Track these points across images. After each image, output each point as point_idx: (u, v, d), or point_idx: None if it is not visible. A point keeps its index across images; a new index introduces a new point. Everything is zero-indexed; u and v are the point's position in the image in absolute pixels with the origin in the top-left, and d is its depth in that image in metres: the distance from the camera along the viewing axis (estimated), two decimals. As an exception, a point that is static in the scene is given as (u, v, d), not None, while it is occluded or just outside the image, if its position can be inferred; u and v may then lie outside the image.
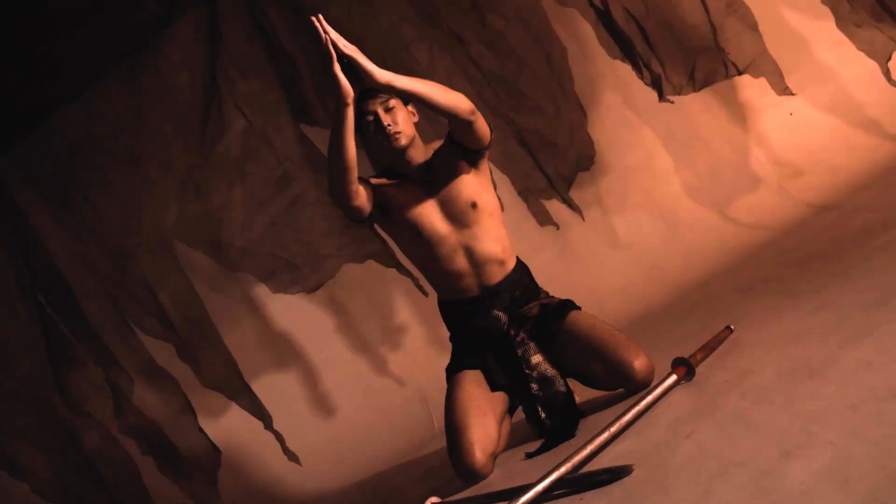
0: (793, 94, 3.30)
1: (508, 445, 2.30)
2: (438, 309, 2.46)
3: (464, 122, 2.21)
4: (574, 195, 3.64)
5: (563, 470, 1.70)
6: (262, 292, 3.82)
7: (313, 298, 3.85)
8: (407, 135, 2.26)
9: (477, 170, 2.33)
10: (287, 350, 3.93)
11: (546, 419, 2.20)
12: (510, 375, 2.29)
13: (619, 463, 1.63)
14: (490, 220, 2.32)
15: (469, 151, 2.30)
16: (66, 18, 3.19)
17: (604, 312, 2.45)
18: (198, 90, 3.60)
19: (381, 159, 2.43)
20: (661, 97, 3.42)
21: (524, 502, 1.64)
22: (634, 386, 2.13)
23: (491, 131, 2.30)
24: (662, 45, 3.35)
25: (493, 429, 2.20)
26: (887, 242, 2.26)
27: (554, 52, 3.54)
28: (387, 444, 3.55)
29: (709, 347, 2.10)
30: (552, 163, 3.56)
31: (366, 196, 2.22)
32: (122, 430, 3.62)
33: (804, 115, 3.76)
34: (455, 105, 2.17)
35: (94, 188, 3.65)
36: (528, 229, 3.62)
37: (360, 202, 2.21)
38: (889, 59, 3.24)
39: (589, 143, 3.61)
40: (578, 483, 1.67)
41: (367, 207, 2.24)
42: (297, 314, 3.91)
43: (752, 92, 3.77)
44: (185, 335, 3.63)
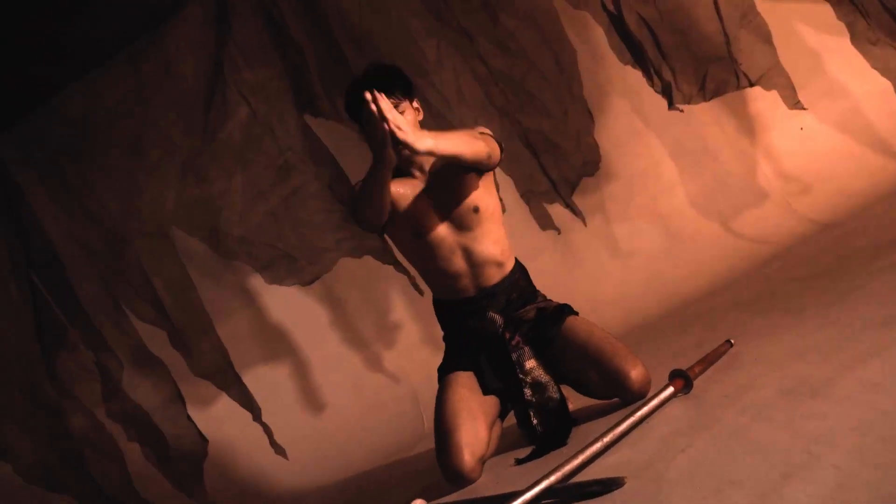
0: (804, 108, 3.26)
1: (498, 450, 2.27)
2: (433, 308, 2.42)
3: (485, 167, 2.23)
4: (577, 200, 3.61)
5: (552, 479, 1.66)
6: (258, 283, 3.79)
7: (309, 292, 3.83)
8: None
9: (481, 175, 2.30)
10: (280, 342, 3.90)
11: (538, 425, 2.17)
12: (503, 379, 2.26)
13: (611, 475, 1.59)
14: (490, 222, 2.30)
15: None
16: (74, 0, 3.16)
17: (601, 320, 2.41)
18: (202, 76, 3.58)
19: None
20: (671, 105, 3.38)
21: (512, 510, 1.60)
22: (630, 396, 2.10)
23: (501, 150, 2.27)
24: (674, 53, 3.31)
25: (483, 432, 2.17)
26: (895, 262, 2.22)
27: (564, 54, 3.50)
28: (375, 442, 3.52)
29: (708, 361, 2.06)
30: (556, 166, 3.52)
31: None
32: (109, 415, 3.60)
33: (813, 130, 3.73)
34: (480, 156, 2.15)
35: (94, 170, 3.63)
36: (528, 232, 3.59)
37: (383, 221, 2.24)
38: (903, 77, 3.21)
39: (595, 148, 3.58)
40: (568, 493, 1.63)
41: (385, 220, 2.25)
42: (291, 307, 3.89)
43: (762, 105, 3.74)
44: (178, 323, 3.61)
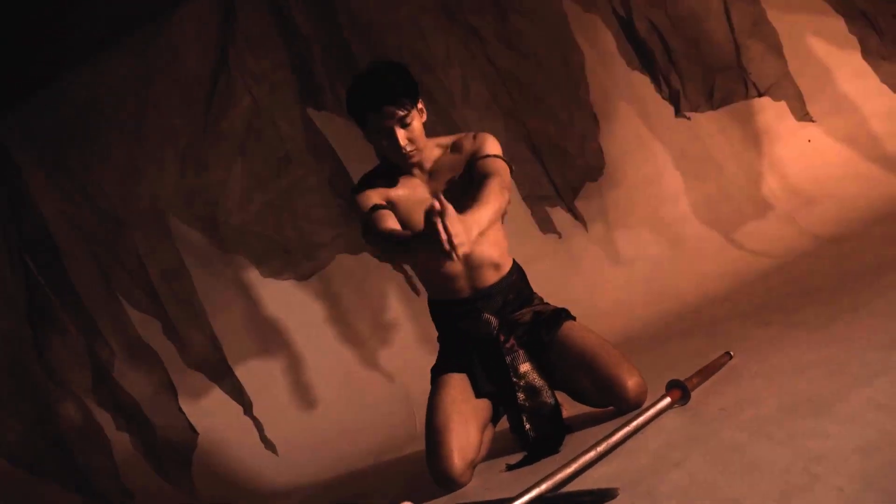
0: (812, 120, 3.24)
1: (489, 455, 2.24)
2: (428, 308, 2.40)
3: None
4: (579, 205, 3.58)
5: (543, 487, 1.63)
6: (254, 276, 3.77)
7: (305, 286, 3.80)
8: (420, 147, 2.21)
9: None
10: (274, 337, 3.88)
11: (531, 431, 2.14)
12: (497, 382, 2.23)
13: (603, 485, 1.56)
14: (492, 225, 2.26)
15: None
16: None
17: (599, 326, 2.38)
18: (207, 64, 3.55)
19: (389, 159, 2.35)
20: (678, 112, 3.35)
21: (501, 517, 1.57)
22: (626, 405, 2.07)
23: (511, 170, 2.25)
24: (683, 60, 3.28)
25: (474, 436, 2.14)
26: (900, 280, 2.19)
27: (572, 57, 3.47)
28: (366, 441, 3.48)
29: (706, 372, 2.03)
30: (560, 170, 3.49)
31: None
32: (99, 402, 3.57)
33: (820, 144, 3.71)
34: (504, 207, 2.12)
35: (94, 154, 3.61)
36: (529, 235, 3.55)
37: None
38: (913, 94, 3.18)
39: (599, 153, 3.54)
40: (559, 502, 1.60)
41: None
42: (287, 301, 3.86)
43: (769, 116, 3.71)
44: (172, 312, 3.58)
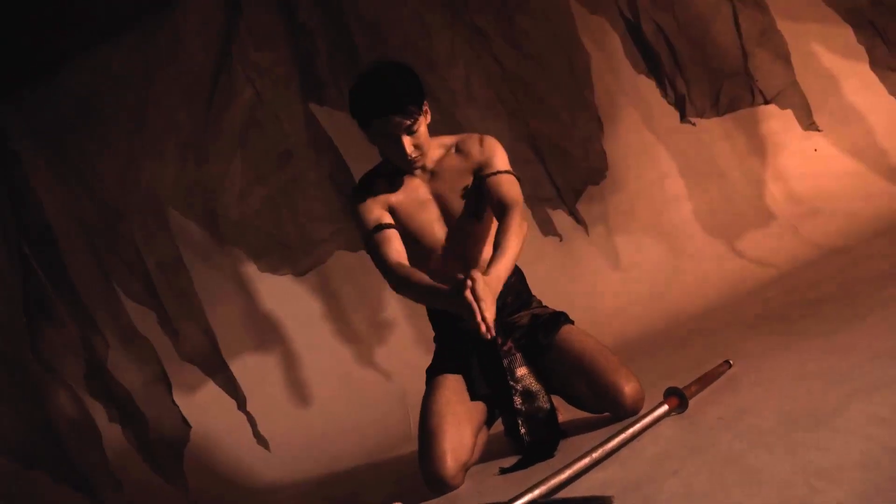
0: (819, 129, 3.22)
1: (483, 457, 2.21)
2: (425, 308, 2.37)
3: None
4: (581, 208, 3.55)
5: (537, 492, 1.60)
6: (251, 270, 3.75)
7: (303, 282, 3.78)
8: (425, 152, 2.19)
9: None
10: (270, 332, 3.86)
11: (526, 435, 2.11)
12: (493, 385, 2.20)
13: (597, 492, 1.53)
14: (491, 225, 2.27)
15: None
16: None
17: (598, 331, 2.36)
18: (210, 56, 3.54)
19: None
20: (683, 118, 3.32)
21: (492, 522, 1.55)
22: (623, 411, 2.04)
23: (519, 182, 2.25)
24: (690, 65, 3.26)
25: (468, 438, 2.11)
26: (902, 292, 2.17)
27: (578, 59, 3.45)
28: (360, 439, 3.47)
29: (705, 381, 2.01)
30: (562, 172, 3.47)
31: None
32: (91, 393, 3.54)
33: (825, 154, 3.70)
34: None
35: (95, 144, 3.59)
36: (529, 236, 3.49)
37: None
38: (920, 107, 3.16)
39: (602, 156, 3.52)
40: (552, 508, 1.57)
41: None
42: (284, 296, 3.85)
43: (775, 124, 3.70)
44: (168, 304, 3.56)
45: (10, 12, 3.07)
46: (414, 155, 2.15)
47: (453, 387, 2.20)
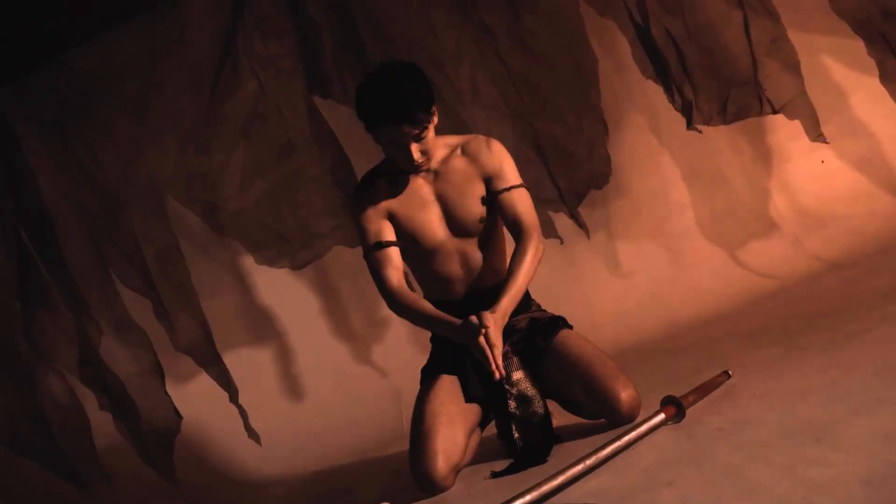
0: (826, 141, 3.19)
1: (474, 460, 2.19)
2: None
3: None
4: (582, 212, 3.52)
5: (528, 497, 1.58)
6: (249, 262, 3.72)
7: (300, 277, 3.75)
8: (431, 156, 2.17)
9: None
10: (266, 325, 3.82)
11: (519, 440, 2.09)
12: (488, 388, 2.18)
13: (589, 501, 1.51)
14: (493, 229, 2.26)
15: None
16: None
17: (595, 337, 2.33)
18: (215, 46, 3.50)
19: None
20: (689, 125, 3.29)
21: (481, 527, 1.52)
22: (618, 418, 2.02)
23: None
24: (698, 71, 3.23)
25: (460, 440, 2.10)
26: (907, 309, 2.14)
27: (585, 61, 3.42)
28: (352, 437, 3.44)
29: (703, 390, 1.98)
30: (565, 175, 3.43)
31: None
32: (83, 381, 3.51)
33: (831, 167, 3.67)
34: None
35: (96, 131, 3.55)
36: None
37: None
38: (928, 123, 3.14)
39: (606, 160, 3.49)
40: (543, 515, 1.55)
41: None
42: (281, 290, 3.81)
43: (782, 135, 3.67)
44: (164, 294, 3.53)
45: (17, -3, 3.05)
46: (421, 160, 2.13)
47: (448, 387, 2.18)
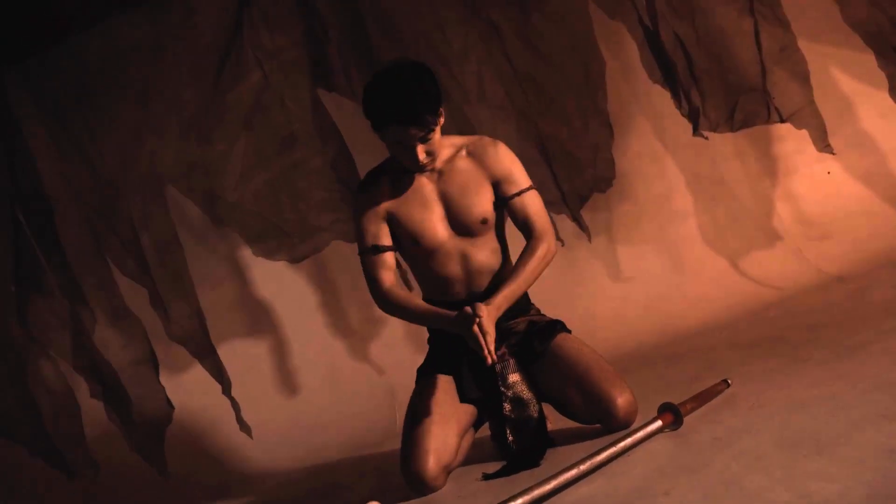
0: (833, 152, 3.17)
1: (467, 461, 2.17)
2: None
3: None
4: (585, 215, 3.50)
5: (519, 501, 1.55)
6: (247, 254, 3.70)
7: (297, 269, 3.73)
8: (436, 156, 2.16)
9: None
10: (262, 318, 3.80)
11: (513, 443, 2.07)
12: (483, 389, 2.16)
13: (583, 505, 1.48)
14: (494, 230, 2.24)
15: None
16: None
17: (593, 341, 2.32)
18: (221, 35, 3.48)
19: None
20: (696, 131, 3.27)
21: (471, 529, 1.49)
22: (615, 423, 2.00)
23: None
24: (706, 77, 3.21)
25: (452, 439, 2.08)
26: (910, 323, 2.12)
27: (593, 63, 3.39)
28: (344, 434, 3.41)
29: (702, 398, 1.95)
30: (569, 177, 3.41)
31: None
32: (75, 367, 3.48)
33: (836, 179, 3.66)
34: (549, 262, 2.19)
35: (97, 116, 3.52)
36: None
37: None
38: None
39: (611, 164, 3.46)
40: (535, 519, 1.52)
41: None
42: (279, 284, 3.79)
43: (788, 145, 3.65)
44: (161, 283, 3.50)
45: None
46: (426, 161, 2.12)
47: (443, 387, 2.17)
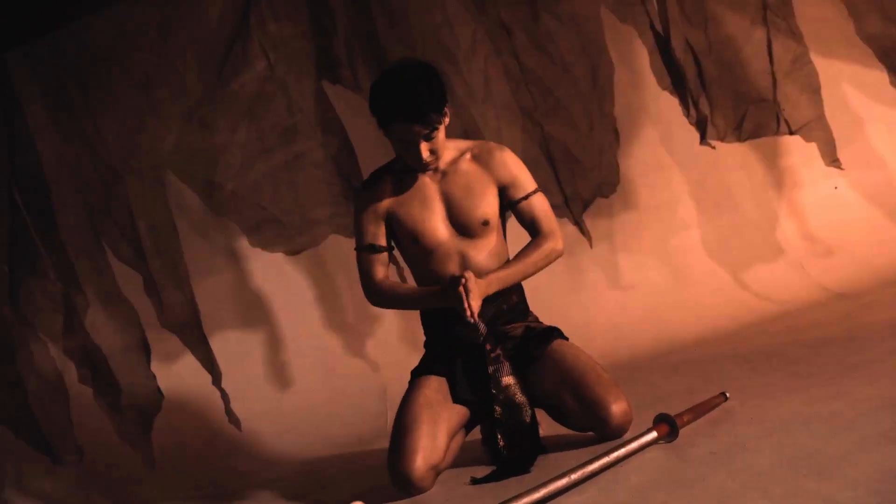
0: (841, 167, 3.13)
1: (455, 463, 2.13)
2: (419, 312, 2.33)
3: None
4: (587, 221, 3.47)
5: (508, 508, 1.51)
6: (244, 245, 3.67)
7: (294, 262, 3.70)
8: (440, 156, 2.15)
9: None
10: (256, 310, 3.77)
11: (503, 448, 2.04)
12: (476, 391, 2.13)
13: (573, 516, 1.44)
14: (495, 232, 2.23)
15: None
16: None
17: (590, 348, 2.28)
18: (226, 23, 3.46)
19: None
20: (703, 139, 3.24)
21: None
22: (608, 430, 1.97)
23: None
24: (716, 86, 3.18)
25: (441, 440, 2.05)
26: (914, 343, 2.08)
27: (601, 67, 3.37)
28: (335, 430, 3.38)
29: (698, 411, 1.92)
30: (572, 181, 3.38)
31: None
32: (66, 352, 3.45)
33: (842, 196, 3.63)
34: (551, 261, 2.21)
35: (100, 100, 3.50)
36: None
37: None
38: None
39: (615, 169, 3.43)
40: (522, 528, 1.48)
41: None
42: (274, 275, 3.76)
43: (795, 158, 3.62)
44: (155, 270, 3.48)
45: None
46: (429, 159, 2.11)
47: (435, 387, 2.14)
